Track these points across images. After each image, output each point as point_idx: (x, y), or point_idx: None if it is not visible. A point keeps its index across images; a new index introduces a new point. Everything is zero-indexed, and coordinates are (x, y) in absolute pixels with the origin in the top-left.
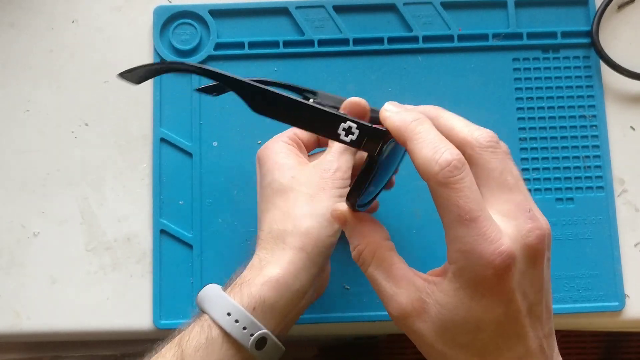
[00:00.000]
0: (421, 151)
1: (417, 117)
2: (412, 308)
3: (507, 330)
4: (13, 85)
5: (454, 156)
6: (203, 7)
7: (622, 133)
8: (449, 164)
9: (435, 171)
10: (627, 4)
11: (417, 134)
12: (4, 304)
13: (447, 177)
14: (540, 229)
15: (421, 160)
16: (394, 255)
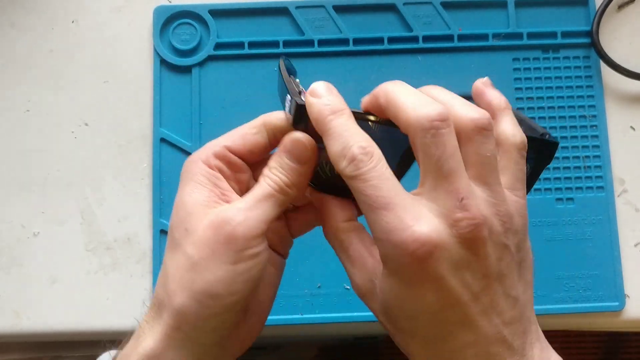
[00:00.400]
0: (332, 147)
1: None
2: (365, 288)
3: (448, 319)
4: (13, 85)
5: (360, 150)
6: (203, 7)
7: (622, 133)
8: (354, 158)
9: (343, 166)
10: (627, 4)
11: (330, 129)
12: (4, 304)
13: (353, 171)
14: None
15: (332, 157)
16: (352, 237)
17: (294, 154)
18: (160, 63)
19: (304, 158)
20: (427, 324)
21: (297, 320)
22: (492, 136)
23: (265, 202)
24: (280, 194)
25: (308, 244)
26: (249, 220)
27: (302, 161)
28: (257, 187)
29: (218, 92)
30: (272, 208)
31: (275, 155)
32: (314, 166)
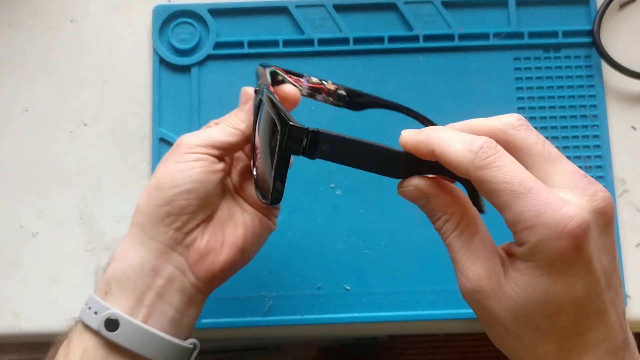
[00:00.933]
0: (451, 148)
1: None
2: (488, 281)
3: (588, 309)
4: (12, 84)
5: (484, 141)
6: (202, 6)
7: (624, 133)
8: (480, 147)
9: (470, 158)
10: (628, 3)
11: (441, 139)
12: (2, 305)
13: (484, 159)
14: (604, 191)
15: (455, 157)
16: (477, 224)
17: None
18: (160, 62)
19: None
20: (569, 319)
21: (297, 320)
22: None
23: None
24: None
25: (308, 244)
26: (196, 136)
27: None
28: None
29: (217, 91)
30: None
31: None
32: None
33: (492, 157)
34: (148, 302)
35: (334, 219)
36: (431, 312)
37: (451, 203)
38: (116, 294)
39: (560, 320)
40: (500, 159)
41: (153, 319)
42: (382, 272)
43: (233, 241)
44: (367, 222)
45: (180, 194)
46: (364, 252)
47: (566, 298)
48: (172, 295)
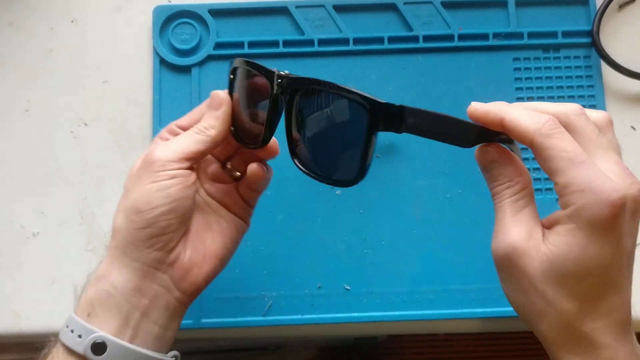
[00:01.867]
0: (521, 118)
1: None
2: (525, 242)
3: (611, 277)
4: (12, 84)
5: (549, 116)
6: (203, 7)
7: (623, 133)
8: (547, 120)
9: (538, 127)
10: (627, 3)
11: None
12: (3, 304)
13: (551, 129)
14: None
15: (524, 125)
16: (532, 202)
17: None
18: (160, 63)
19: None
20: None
21: (297, 320)
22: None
23: (185, 138)
24: (200, 134)
25: (308, 244)
26: (167, 150)
27: (217, 107)
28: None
29: None
30: (191, 143)
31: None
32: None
33: (558, 128)
34: (134, 322)
35: (334, 219)
36: (431, 311)
37: (520, 174)
38: (100, 315)
39: (586, 282)
40: (563, 133)
41: (139, 339)
42: (382, 272)
43: (214, 252)
44: (367, 222)
45: (160, 215)
46: (364, 252)
47: (597, 261)
48: (157, 313)
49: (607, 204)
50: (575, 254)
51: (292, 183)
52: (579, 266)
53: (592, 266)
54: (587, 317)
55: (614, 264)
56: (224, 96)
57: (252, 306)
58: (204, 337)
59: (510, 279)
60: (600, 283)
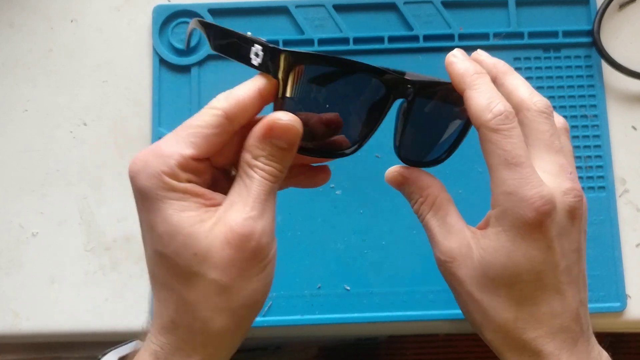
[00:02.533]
0: (478, 99)
1: (479, 71)
2: (459, 252)
3: (546, 282)
4: (12, 84)
5: (506, 108)
6: (202, 6)
7: (624, 133)
8: (501, 113)
9: (488, 118)
10: (628, 3)
11: (476, 84)
12: (2, 305)
13: (498, 124)
14: (579, 191)
15: (476, 107)
16: (450, 206)
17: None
18: (160, 62)
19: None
20: (527, 285)
21: (297, 321)
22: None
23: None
24: (277, 184)
25: (308, 244)
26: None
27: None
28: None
29: (217, 91)
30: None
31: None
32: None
33: (507, 125)
34: None
35: (334, 219)
36: (431, 312)
37: (427, 187)
38: None
39: (519, 286)
40: (512, 130)
41: None
42: (382, 272)
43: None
44: (367, 222)
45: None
46: (364, 252)
47: (525, 265)
48: None
49: (531, 209)
50: (502, 259)
51: None
52: (507, 271)
53: (520, 271)
54: (527, 326)
55: (546, 269)
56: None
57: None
58: None
59: (453, 291)
60: (534, 288)
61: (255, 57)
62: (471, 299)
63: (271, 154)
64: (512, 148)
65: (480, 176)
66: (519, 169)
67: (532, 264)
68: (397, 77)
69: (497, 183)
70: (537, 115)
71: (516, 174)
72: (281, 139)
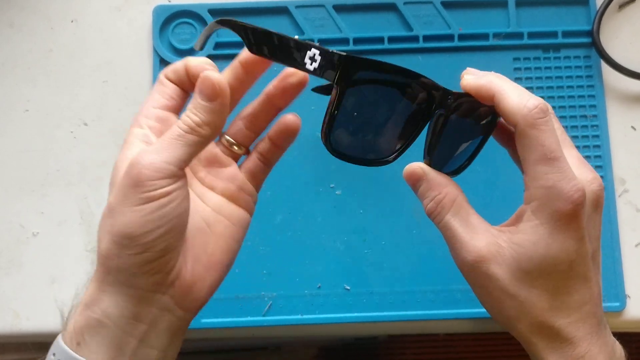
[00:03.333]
0: (511, 98)
1: (499, 76)
2: (488, 251)
3: (577, 271)
4: (12, 85)
5: (539, 101)
6: (202, 7)
7: (623, 133)
8: (536, 107)
9: (524, 113)
10: (627, 3)
11: (504, 86)
12: (3, 304)
13: (536, 119)
14: (600, 179)
15: (511, 105)
16: (469, 206)
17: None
18: (160, 62)
19: (213, 95)
20: (561, 274)
21: (297, 320)
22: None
23: (175, 142)
24: (192, 134)
25: (308, 244)
26: (155, 162)
27: (212, 98)
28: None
29: None
30: (182, 148)
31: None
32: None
33: (542, 119)
34: (129, 350)
35: (334, 219)
36: (431, 311)
37: (445, 185)
38: (91, 345)
39: (554, 276)
40: (548, 123)
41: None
42: (382, 272)
43: (218, 260)
44: (367, 222)
45: (157, 238)
46: (364, 252)
47: (562, 256)
48: (156, 337)
49: (569, 201)
50: (541, 251)
51: (292, 183)
52: (545, 262)
53: (557, 262)
54: (560, 313)
55: (579, 258)
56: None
57: (252, 306)
58: (204, 337)
59: (482, 290)
60: (567, 277)
61: (311, 61)
62: (505, 295)
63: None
64: (550, 143)
65: (478, 175)
66: (557, 163)
67: (567, 254)
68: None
69: (535, 177)
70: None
71: (555, 168)
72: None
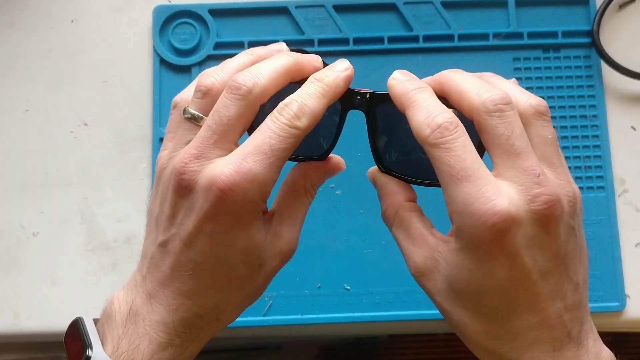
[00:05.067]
0: (415, 117)
1: (419, 86)
2: (425, 266)
3: (515, 297)
4: (12, 85)
5: (445, 119)
6: (203, 7)
7: (623, 133)
8: (439, 127)
9: (426, 134)
10: (627, 3)
11: (414, 102)
12: (3, 304)
13: (437, 138)
14: (550, 194)
15: (415, 125)
16: (413, 216)
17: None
18: (160, 63)
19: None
20: (494, 301)
21: (297, 320)
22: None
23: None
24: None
25: (308, 244)
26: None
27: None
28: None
29: None
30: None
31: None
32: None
33: (445, 138)
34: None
35: (334, 219)
36: (431, 311)
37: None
38: None
39: (485, 302)
40: (453, 141)
41: None
42: (381, 272)
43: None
44: (367, 222)
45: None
46: (363, 252)
47: (488, 282)
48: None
49: (485, 227)
50: (464, 275)
51: None
52: (471, 287)
53: (483, 288)
54: (499, 338)
55: (514, 285)
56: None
57: (252, 306)
58: None
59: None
60: (502, 303)
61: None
62: (444, 311)
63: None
64: (456, 161)
65: None
66: (466, 184)
67: (496, 281)
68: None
69: (447, 200)
70: (489, 118)
71: (464, 189)
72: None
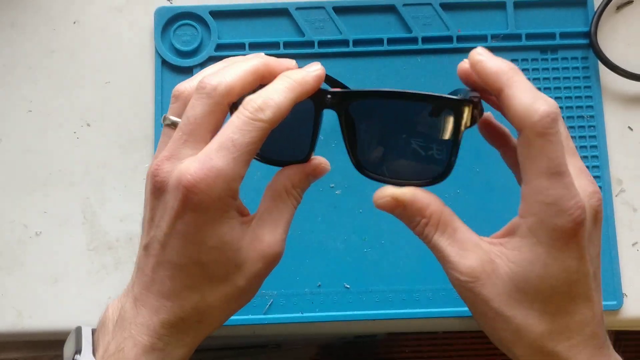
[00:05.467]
0: (521, 98)
1: (513, 66)
2: (482, 270)
3: (578, 291)
4: (15, 85)
5: (552, 108)
6: (204, 8)
7: (620, 133)
8: (548, 115)
9: (534, 120)
10: (625, 4)
11: (517, 81)
12: (6, 303)
13: (546, 128)
14: (599, 193)
15: (521, 107)
16: (456, 220)
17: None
18: (162, 64)
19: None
20: (562, 296)
21: (297, 319)
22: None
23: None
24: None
25: (308, 243)
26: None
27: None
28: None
29: None
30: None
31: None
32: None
33: (552, 129)
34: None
35: (334, 218)
36: (430, 310)
37: (427, 205)
38: None
39: (554, 299)
40: (557, 134)
41: None
42: (381, 271)
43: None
44: (367, 221)
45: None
46: (363, 251)
47: (562, 277)
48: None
49: (570, 219)
50: (538, 272)
51: None
52: (544, 283)
53: (557, 283)
54: (560, 336)
55: (579, 278)
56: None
57: (253, 304)
58: None
59: (476, 311)
60: (568, 298)
61: None
62: (500, 317)
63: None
64: (557, 156)
65: (477, 176)
66: (561, 179)
67: (568, 274)
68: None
69: (535, 191)
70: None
71: (559, 183)
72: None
